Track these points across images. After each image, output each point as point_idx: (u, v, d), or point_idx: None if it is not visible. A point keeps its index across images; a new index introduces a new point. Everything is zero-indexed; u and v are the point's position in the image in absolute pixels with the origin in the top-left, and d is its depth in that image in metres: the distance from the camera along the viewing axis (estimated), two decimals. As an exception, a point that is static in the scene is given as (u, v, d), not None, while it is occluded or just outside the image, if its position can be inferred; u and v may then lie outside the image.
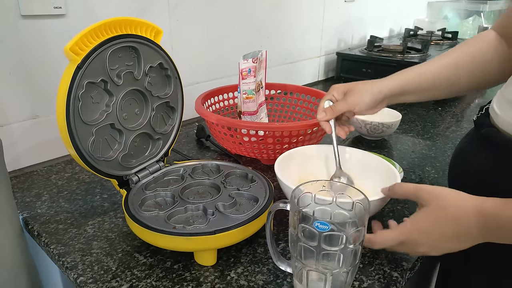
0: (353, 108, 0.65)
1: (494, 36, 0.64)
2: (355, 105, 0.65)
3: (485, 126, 0.57)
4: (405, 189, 0.52)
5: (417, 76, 0.66)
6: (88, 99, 0.55)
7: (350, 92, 0.66)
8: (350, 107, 0.65)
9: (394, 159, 0.85)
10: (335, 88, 0.68)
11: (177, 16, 0.98)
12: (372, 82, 0.66)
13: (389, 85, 0.65)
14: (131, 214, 0.54)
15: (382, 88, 0.65)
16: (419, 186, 0.50)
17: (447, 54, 0.66)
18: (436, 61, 0.66)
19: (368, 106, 0.65)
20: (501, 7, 2.38)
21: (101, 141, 0.59)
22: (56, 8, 0.75)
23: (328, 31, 1.55)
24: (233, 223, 0.53)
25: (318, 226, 0.41)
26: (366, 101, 0.65)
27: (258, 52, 0.85)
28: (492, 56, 0.63)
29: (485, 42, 0.64)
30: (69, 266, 0.53)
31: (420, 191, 0.50)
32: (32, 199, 0.70)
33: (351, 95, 0.66)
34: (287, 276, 0.52)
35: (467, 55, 0.64)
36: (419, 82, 0.65)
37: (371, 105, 0.65)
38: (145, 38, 0.60)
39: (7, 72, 0.73)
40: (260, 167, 0.83)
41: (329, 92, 0.69)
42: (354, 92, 0.66)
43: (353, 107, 0.65)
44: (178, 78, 0.67)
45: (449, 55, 0.66)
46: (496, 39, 0.64)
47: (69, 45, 0.50)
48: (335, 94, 0.67)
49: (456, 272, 0.69)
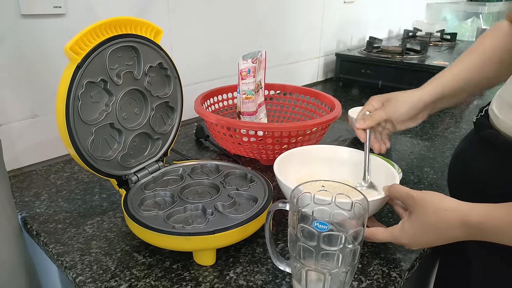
0: (392, 116, 0.65)
1: (508, 27, 0.64)
2: (394, 113, 0.65)
3: (485, 128, 0.58)
4: (398, 192, 0.53)
5: (452, 80, 0.65)
6: (88, 98, 0.55)
7: (388, 101, 0.66)
8: (389, 115, 0.65)
9: (393, 160, 0.85)
10: (374, 98, 0.68)
11: (177, 16, 0.98)
12: (413, 90, 0.66)
13: (428, 92, 0.65)
14: (130, 213, 0.54)
15: (422, 96, 0.65)
16: (409, 192, 0.51)
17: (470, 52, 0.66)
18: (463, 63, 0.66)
19: (408, 114, 0.65)
20: (500, 8, 2.39)
21: (100, 141, 0.59)
22: (56, 7, 0.75)
23: (328, 32, 1.56)
24: (232, 223, 0.53)
25: (317, 226, 0.41)
26: (404, 109, 0.64)
27: (257, 53, 0.85)
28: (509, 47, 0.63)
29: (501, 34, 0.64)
30: (68, 266, 0.53)
31: (409, 197, 0.51)
32: (31, 198, 0.70)
33: (389, 104, 0.66)
34: (286, 276, 0.52)
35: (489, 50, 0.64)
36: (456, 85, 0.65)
37: (411, 113, 0.65)
38: (145, 38, 0.60)
39: (7, 71, 0.73)
40: (259, 167, 0.83)
41: (368, 102, 0.68)
42: (392, 101, 0.66)
43: (391, 115, 0.65)
44: (177, 78, 0.68)
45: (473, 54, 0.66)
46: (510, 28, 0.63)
47: (69, 45, 0.50)
48: (374, 103, 0.67)
49: (455, 272, 0.69)
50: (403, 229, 0.51)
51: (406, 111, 0.64)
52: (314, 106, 0.95)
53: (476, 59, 0.65)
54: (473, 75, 0.65)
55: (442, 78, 0.66)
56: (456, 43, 1.83)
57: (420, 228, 0.49)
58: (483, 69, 0.64)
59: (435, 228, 0.48)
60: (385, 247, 0.58)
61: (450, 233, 0.47)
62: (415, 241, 0.51)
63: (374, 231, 0.53)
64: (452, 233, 0.47)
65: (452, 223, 0.46)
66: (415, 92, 0.66)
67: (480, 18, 2.17)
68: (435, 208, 0.48)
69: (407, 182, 0.77)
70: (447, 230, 0.47)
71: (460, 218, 0.46)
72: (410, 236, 0.50)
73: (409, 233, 0.50)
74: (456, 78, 0.65)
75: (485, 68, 0.64)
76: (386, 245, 0.58)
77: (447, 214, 0.47)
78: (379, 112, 0.66)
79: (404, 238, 0.51)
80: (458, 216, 0.46)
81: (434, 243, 0.50)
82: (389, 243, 0.58)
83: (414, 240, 0.50)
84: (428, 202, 0.49)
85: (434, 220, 0.48)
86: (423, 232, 0.49)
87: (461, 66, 0.66)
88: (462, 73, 0.65)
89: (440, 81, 0.66)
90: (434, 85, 0.66)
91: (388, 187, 0.56)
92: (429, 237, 0.49)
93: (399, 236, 0.51)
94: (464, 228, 0.45)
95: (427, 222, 0.48)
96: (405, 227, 0.51)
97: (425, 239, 0.50)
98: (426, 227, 0.48)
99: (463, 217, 0.45)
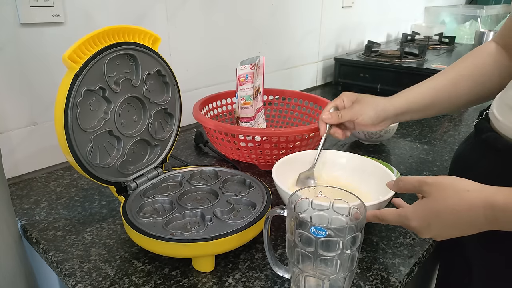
0: (356, 118, 0.67)
1: (494, 48, 0.64)
2: (359, 115, 0.66)
3: (486, 131, 0.58)
4: (408, 183, 0.51)
5: (419, 95, 0.67)
6: (86, 106, 0.56)
7: (358, 102, 0.68)
8: (353, 117, 0.67)
9: (392, 164, 0.85)
10: (346, 95, 0.70)
11: (175, 22, 0.98)
12: (380, 98, 0.68)
13: (394, 104, 0.67)
14: (129, 220, 0.55)
15: (387, 107, 0.66)
16: (421, 180, 0.49)
17: (447, 70, 0.68)
18: (436, 79, 0.67)
19: (371, 120, 0.66)
20: (498, 11, 2.40)
21: (99, 148, 0.59)
22: (55, 16, 0.75)
23: (326, 37, 1.56)
24: (231, 229, 0.53)
25: (315, 232, 0.41)
26: (369, 114, 0.66)
27: (255, 58, 0.86)
28: (493, 67, 0.63)
29: (485, 53, 0.65)
30: (67, 273, 0.53)
31: (423, 184, 0.48)
32: (30, 206, 0.70)
33: (358, 104, 0.67)
34: (285, 281, 0.52)
35: (466, 69, 0.65)
36: (423, 100, 0.66)
37: (373, 120, 0.67)
38: (143, 45, 0.60)
39: (6, 80, 0.73)
40: (257, 172, 0.83)
41: (339, 96, 0.70)
42: (361, 103, 0.67)
43: (355, 117, 0.67)
44: (176, 84, 0.68)
45: (449, 71, 0.67)
46: (496, 50, 0.64)
47: (67, 53, 0.51)
48: (345, 99, 0.69)
49: (456, 277, 0.69)
50: (415, 211, 0.48)
51: (370, 116, 0.66)
52: (312, 111, 0.96)
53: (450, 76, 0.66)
54: (442, 93, 0.65)
55: (410, 93, 0.67)
56: (454, 46, 1.83)
57: (435, 212, 0.46)
58: (454, 86, 0.65)
59: (453, 211, 0.44)
60: (384, 252, 0.58)
61: (470, 216, 0.43)
62: (426, 226, 0.47)
63: (384, 212, 0.51)
64: (472, 216, 0.43)
65: (474, 205, 0.43)
66: (383, 100, 0.67)
67: (478, 21, 2.18)
68: (456, 189, 0.45)
69: (406, 186, 0.77)
70: (467, 213, 0.43)
71: (484, 200, 0.43)
72: (422, 219, 0.47)
73: (421, 216, 0.47)
74: (424, 94, 0.66)
75: (457, 86, 0.65)
76: (385, 250, 0.58)
77: (469, 195, 0.44)
78: (346, 112, 0.68)
79: (415, 220, 0.47)
80: (482, 197, 0.43)
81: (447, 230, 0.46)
82: (388, 248, 0.59)
83: (425, 224, 0.47)
84: (447, 185, 0.46)
85: (454, 202, 0.44)
86: (438, 217, 0.46)
87: (431, 83, 0.67)
88: (431, 91, 0.66)
89: (407, 96, 0.67)
90: (401, 99, 0.67)
91: (396, 181, 0.53)
92: (444, 221, 0.45)
93: (409, 216, 0.48)
94: (488, 210, 0.42)
95: (445, 205, 0.45)
96: (417, 209, 0.48)
97: (439, 224, 0.46)
98: (443, 211, 0.45)
99: (488, 198, 0.42)
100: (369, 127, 0.68)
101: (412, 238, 0.61)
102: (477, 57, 0.65)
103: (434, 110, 0.68)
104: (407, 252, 0.58)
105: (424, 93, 0.66)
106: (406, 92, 0.68)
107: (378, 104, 0.66)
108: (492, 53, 0.64)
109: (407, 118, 0.68)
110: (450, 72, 0.67)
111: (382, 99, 0.67)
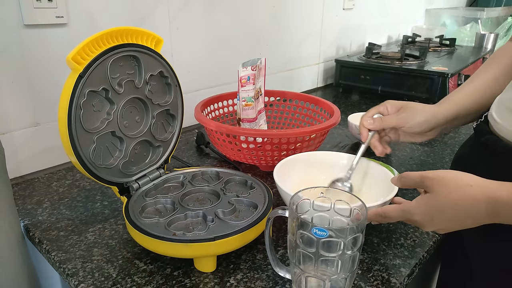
0: (404, 124, 0.63)
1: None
2: (407, 122, 0.63)
3: (485, 133, 0.58)
4: (411, 179, 0.51)
5: (466, 97, 0.63)
6: (90, 107, 0.56)
7: (404, 108, 0.64)
8: (401, 123, 0.63)
9: (393, 166, 0.86)
10: (390, 102, 0.66)
11: (177, 24, 0.99)
12: (428, 105, 0.64)
13: (444, 110, 0.63)
14: (131, 221, 0.55)
15: (437, 113, 0.63)
16: (423, 175, 0.49)
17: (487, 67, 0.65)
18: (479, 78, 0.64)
19: (420, 127, 0.63)
20: (498, 14, 2.41)
21: (102, 149, 0.59)
22: (58, 17, 0.76)
23: (327, 39, 1.57)
24: (232, 229, 0.53)
25: (316, 233, 0.42)
26: (418, 120, 0.62)
27: (257, 60, 0.86)
28: None
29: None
30: (70, 273, 0.53)
31: (425, 179, 0.48)
32: (33, 206, 0.70)
33: (404, 111, 0.64)
34: (286, 282, 0.52)
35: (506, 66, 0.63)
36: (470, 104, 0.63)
37: (423, 126, 0.63)
38: (145, 47, 0.61)
39: (10, 81, 0.74)
40: (259, 173, 0.83)
41: (382, 103, 0.66)
42: (408, 110, 0.64)
43: (403, 124, 0.63)
44: (178, 86, 0.68)
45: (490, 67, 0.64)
46: None
47: (71, 55, 0.51)
48: (389, 107, 0.66)
49: (456, 278, 0.69)
50: (418, 206, 0.48)
51: (419, 122, 0.63)
52: (313, 113, 0.96)
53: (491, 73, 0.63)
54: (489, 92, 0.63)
55: (456, 96, 0.64)
56: (455, 48, 1.84)
57: (438, 207, 0.46)
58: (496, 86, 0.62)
59: (456, 205, 0.45)
60: (385, 253, 0.58)
61: (472, 211, 0.44)
62: (429, 220, 0.47)
63: (386, 209, 0.51)
64: (474, 210, 0.44)
65: (477, 199, 0.43)
66: (431, 107, 0.64)
67: (479, 23, 2.19)
68: (458, 185, 0.45)
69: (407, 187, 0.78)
70: (469, 207, 0.44)
71: (486, 195, 0.43)
72: (424, 213, 0.47)
73: (424, 210, 0.47)
74: (471, 97, 0.63)
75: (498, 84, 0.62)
76: (386, 251, 0.59)
77: (472, 190, 0.44)
78: (391, 117, 0.64)
79: (417, 214, 0.48)
80: (485, 192, 0.43)
81: (450, 224, 0.47)
82: (389, 249, 0.59)
83: (428, 218, 0.47)
84: (450, 180, 0.46)
85: (457, 197, 0.45)
86: (441, 211, 0.46)
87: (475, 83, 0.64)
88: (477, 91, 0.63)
89: (454, 101, 0.64)
90: (449, 104, 0.63)
91: (399, 177, 0.53)
92: (447, 215, 0.46)
93: (412, 211, 0.48)
94: (490, 205, 0.43)
95: (448, 200, 0.45)
96: (420, 204, 0.48)
97: (442, 218, 0.46)
98: (446, 206, 0.45)
99: (491, 193, 0.43)
100: (416, 136, 0.65)
101: (413, 239, 0.62)
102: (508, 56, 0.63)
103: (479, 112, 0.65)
104: (408, 253, 0.58)
105: (470, 94, 0.63)
106: (452, 97, 0.64)
107: (427, 110, 0.63)
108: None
109: (456, 124, 0.65)
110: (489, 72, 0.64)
111: (430, 106, 0.64)
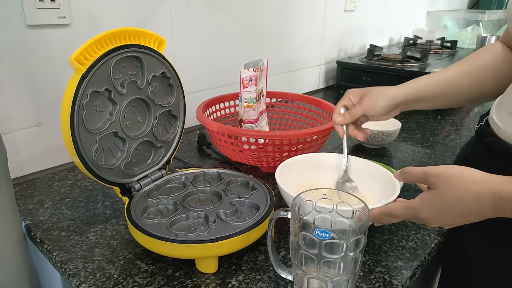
0: (369, 111, 0.66)
1: (501, 47, 0.65)
2: (371, 108, 0.66)
3: (488, 135, 0.58)
4: (413, 175, 0.51)
5: (431, 83, 0.66)
6: (92, 107, 0.56)
7: (365, 95, 0.67)
8: (366, 111, 0.66)
9: (394, 167, 0.85)
10: (351, 92, 0.69)
11: (179, 25, 0.99)
12: (387, 87, 0.67)
13: (404, 91, 0.66)
14: (133, 221, 0.55)
15: (397, 93, 0.66)
16: (426, 172, 0.48)
17: (459, 63, 0.67)
18: (449, 70, 0.67)
19: (383, 110, 0.66)
20: (500, 16, 2.41)
21: (104, 149, 0.59)
22: (61, 18, 0.76)
23: (328, 40, 1.57)
24: (234, 230, 0.53)
25: (319, 234, 0.42)
26: (381, 105, 0.65)
27: (259, 61, 0.86)
28: (503, 64, 0.64)
29: (493, 51, 0.65)
30: (71, 273, 0.53)
31: (428, 175, 0.48)
32: (34, 206, 0.70)
33: (367, 98, 0.66)
34: (288, 283, 0.52)
35: (479, 63, 0.65)
36: (433, 90, 0.66)
37: (385, 110, 0.66)
38: (148, 48, 0.61)
39: (12, 81, 0.74)
40: (260, 175, 0.83)
41: (344, 96, 0.69)
42: (370, 96, 0.66)
43: (368, 111, 0.66)
44: (180, 86, 0.68)
45: (462, 63, 0.67)
46: (504, 49, 0.65)
47: (74, 55, 0.51)
48: (352, 97, 0.68)
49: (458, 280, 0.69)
50: (423, 203, 0.48)
51: (382, 106, 0.65)
52: (315, 114, 0.96)
53: (461, 69, 0.66)
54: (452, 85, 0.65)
55: (421, 81, 0.67)
56: (456, 50, 1.84)
57: (444, 204, 0.46)
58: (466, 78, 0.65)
59: (462, 202, 0.45)
60: (387, 255, 0.58)
61: (478, 207, 0.44)
62: (436, 216, 0.48)
63: (391, 207, 0.51)
64: (480, 206, 0.44)
65: (482, 195, 0.44)
66: (391, 88, 0.67)
67: (480, 25, 2.19)
68: (463, 181, 0.45)
69: (408, 189, 0.78)
70: (475, 203, 0.44)
71: (491, 190, 0.43)
72: (431, 210, 0.48)
73: (430, 207, 0.48)
74: (433, 84, 0.66)
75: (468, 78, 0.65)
76: (388, 252, 0.59)
77: (477, 186, 0.44)
78: (357, 108, 0.67)
79: (424, 211, 0.48)
80: (490, 188, 0.44)
81: (456, 219, 0.47)
82: (391, 251, 0.59)
83: (435, 215, 0.48)
84: (455, 176, 0.46)
85: (463, 193, 0.45)
86: (448, 208, 0.46)
87: (442, 74, 0.67)
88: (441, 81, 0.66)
89: (417, 84, 0.67)
90: (411, 86, 0.67)
91: (401, 172, 0.53)
92: (453, 211, 0.46)
93: (418, 208, 0.48)
94: (496, 200, 0.43)
95: (454, 197, 0.45)
96: (425, 201, 0.48)
97: (448, 214, 0.47)
98: (452, 203, 0.46)
99: (496, 188, 0.43)
100: (382, 117, 0.68)
101: (415, 241, 0.61)
102: (487, 53, 0.66)
103: (443, 101, 0.67)
104: (410, 255, 0.58)
105: (434, 82, 0.66)
106: (418, 80, 0.67)
107: (388, 93, 0.66)
108: (499, 51, 0.65)
109: (416, 107, 0.68)
110: (462, 65, 0.66)
111: (390, 88, 0.67)
